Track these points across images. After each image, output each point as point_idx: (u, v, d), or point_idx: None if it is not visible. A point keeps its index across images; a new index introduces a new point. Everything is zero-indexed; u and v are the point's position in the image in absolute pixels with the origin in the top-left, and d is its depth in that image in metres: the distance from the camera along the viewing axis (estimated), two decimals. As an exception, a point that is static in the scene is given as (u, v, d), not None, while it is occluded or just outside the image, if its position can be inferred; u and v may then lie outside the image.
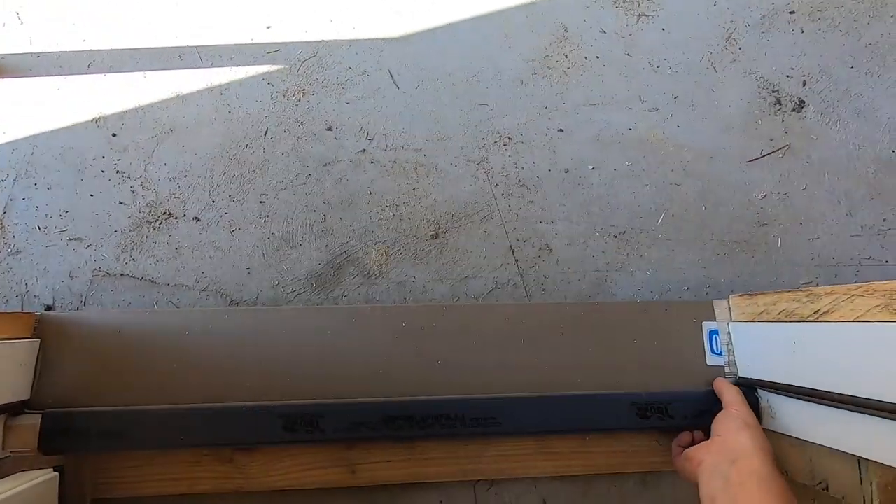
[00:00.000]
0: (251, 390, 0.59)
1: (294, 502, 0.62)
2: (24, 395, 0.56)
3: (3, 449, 0.54)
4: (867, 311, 0.46)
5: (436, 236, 0.71)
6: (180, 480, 0.59)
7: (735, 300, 0.65)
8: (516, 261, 0.71)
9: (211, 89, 0.73)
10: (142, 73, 0.73)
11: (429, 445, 0.62)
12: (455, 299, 0.69)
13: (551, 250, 0.72)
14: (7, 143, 0.69)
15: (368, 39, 0.76)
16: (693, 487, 0.67)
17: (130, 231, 0.68)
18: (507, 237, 0.72)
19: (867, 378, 0.45)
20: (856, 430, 0.47)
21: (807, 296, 0.53)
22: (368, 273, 0.69)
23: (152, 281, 0.67)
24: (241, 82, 0.73)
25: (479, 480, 0.65)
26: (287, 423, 0.57)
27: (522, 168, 0.74)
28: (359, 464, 0.61)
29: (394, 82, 0.75)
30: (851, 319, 0.47)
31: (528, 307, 0.66)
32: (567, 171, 0.75)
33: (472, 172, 0.74)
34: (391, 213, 0.71)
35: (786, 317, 0.56)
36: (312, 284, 0.68)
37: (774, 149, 0.78)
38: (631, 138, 0.76)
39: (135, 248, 0.68)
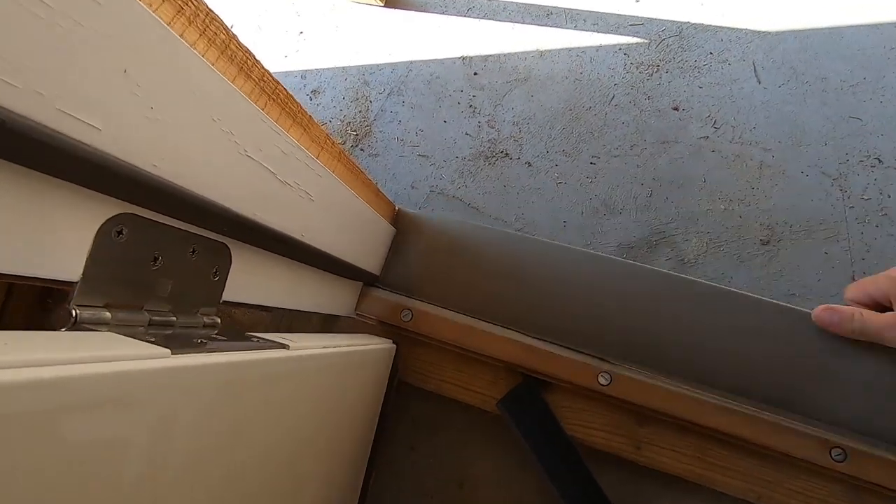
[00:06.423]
0: (562, 331, 0.60)
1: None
2: (377, 270, 0.64)
3: (354, 309, 0.63)
4: None
5: (766, 242, 0.66)
6: (475, 394, 0.63)
7: None
8: (857, 294, 0.63)
9: (569, 50, 0.76)
10: (511, 24, 0.79)
11: (724, 453, 0.58)
12: (776, 313, 0.63)
13: (904, 295, 0.62)
14: (389, 63, 0.80)
15: (737, 28, 0.74)
16: None
17: (469, 160, 0.74)
18: (852, 266, 0.64)
19: None
20: None
21: None
22: (683, 259, 0.67)
23: (477, 209, 0.72)
24: (599, 48, 0.76)
25: (762, 511, 0.59)
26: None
27: (889, 196, 0.65)
28: (645, 442, 0.59)
29: (755, 75, 0.71)
30: None
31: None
32: (947, 212, 0.64)
33: (826, 187, 0.67)
34: (722, 207, 0.68)
35: None
36: (623, 254, 0.68)
37: None
38: None
39: (469, 175, 0.74)
